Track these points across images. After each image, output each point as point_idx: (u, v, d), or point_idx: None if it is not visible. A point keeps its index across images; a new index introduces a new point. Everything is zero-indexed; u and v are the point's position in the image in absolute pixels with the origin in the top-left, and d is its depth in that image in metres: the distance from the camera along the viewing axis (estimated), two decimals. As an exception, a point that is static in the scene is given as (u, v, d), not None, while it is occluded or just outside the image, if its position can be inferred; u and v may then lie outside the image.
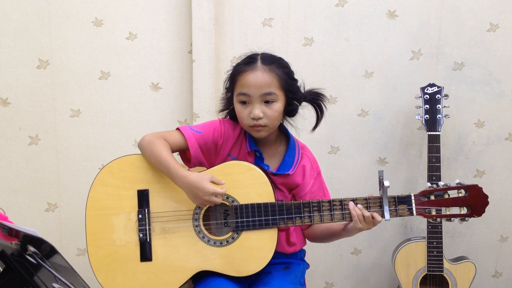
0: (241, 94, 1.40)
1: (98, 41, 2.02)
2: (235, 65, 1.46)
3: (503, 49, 2.07)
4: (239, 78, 1.40)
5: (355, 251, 2.23)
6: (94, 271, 1.41)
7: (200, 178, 1.35)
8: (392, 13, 2.06)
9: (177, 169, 1.37)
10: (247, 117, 1.40)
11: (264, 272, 1.45)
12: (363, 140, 2.14)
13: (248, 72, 1.39)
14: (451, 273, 1.96)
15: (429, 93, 1.94)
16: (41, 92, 2.03)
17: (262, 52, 1.45)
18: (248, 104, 1.40)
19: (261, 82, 1.38)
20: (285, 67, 1.43)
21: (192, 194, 1.36)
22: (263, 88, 1.38)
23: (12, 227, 0.94)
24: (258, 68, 1.39)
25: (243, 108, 1.41)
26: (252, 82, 1.38)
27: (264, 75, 1.38)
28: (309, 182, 1.51)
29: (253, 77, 1.38)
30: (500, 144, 2.14)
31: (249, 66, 1.40)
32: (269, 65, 1.39)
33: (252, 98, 1.39)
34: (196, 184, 1.34)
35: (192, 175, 1.36)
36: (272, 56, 1.44)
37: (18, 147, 2.06)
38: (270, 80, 1.38)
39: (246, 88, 1.39)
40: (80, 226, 1.45)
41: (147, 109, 2.09)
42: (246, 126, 1.43)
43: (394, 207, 1.40)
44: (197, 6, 1.97)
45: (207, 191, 1.34)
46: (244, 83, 1.39)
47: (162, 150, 1.40)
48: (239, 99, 1.41)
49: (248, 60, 1.42)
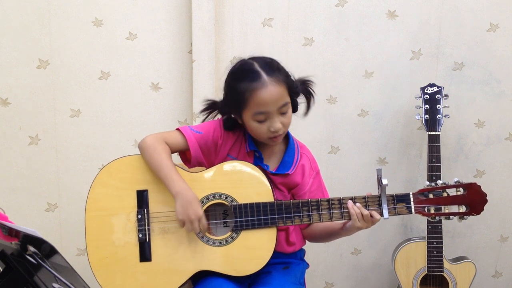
0: (260, 113, 1.37)
1: (98, 41, 2.02)
2: (234, 81, 1.40)
3: (503, 49, 2.07)
4: (251, 97, 1.35)
5: (355, 251, 2.23)
6: (94, 272, 1.41)
7: (196, 199, 1.37)
8: (392, 13, 2.06)
9: (177, 179, 1.37)
10: (266, 131, 1.39)
11: (264, 272, 1.45)
12: (363, 140, 2.14)
13: (260, 90, 1.34)
14: (451, 273, 1.96)
15: (429, 93, 1.94)
16: (41, 92, 2.04)
17: (252, 58, 1.42)
18: (266, 120, 1.38)
19: (276, 96, 1.35)
20: (282, 69, 1.42)
21: (183, 207, 1.35)
22: (279, 102, 1.36)
23: (12, 227, 0.94)
24: (267, 83, 1.34)
25: (260, 125, 1.39)
26: (268, 99, 1.34)
27: (277, 88, 1.35)
28: (308, 182, 1.51)
29: (268, 94, 1.34)
30: (500, 144, 2.14)
31: (258, 83, 1.35)
32: (273, 74, 1.36)
33: (270, 114, 1.37)
34: (192, 202, 1.35)
35: (191, 191, 1.37)
36: (267, 62, 1.40)
37: (18, 147, 2.06)
38: (282, 92, 1.36)
39: (263, 107, 1.35)
40: (80, 226, 1.45)
41: (147, 109, 2.09)
42: (264, 139, 1.42)
43: (392, 206, 1.40)
44: (197, 6, 1.97)
45: (197, 213, 1.35)
46: (261, 102, 1.35)
47: (163, 158, 1.39)
48: (257, 118, 1.38)
49: (251, 75, 1.36)
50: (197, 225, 1.36)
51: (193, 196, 1.36)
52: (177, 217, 1.37)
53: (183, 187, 1.36)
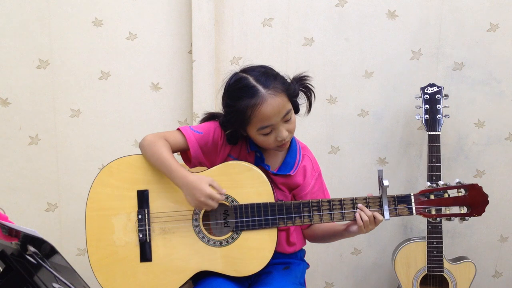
0: (264, 127, 1.37)
1: (98, 41, 2.02)
2: (233, 100, 1.37)
3: (503, 49, 2.07)
4: (253, 114, 1.34)
5: (355, 251, 2.23)
6: (94, 272, 1.41)
7: (200, 179, 1.35)
8: (392, 13, 2.06)
9: (177, 169, 1.37)
10: (274, 141, 1.39)
11: (264, 272, 1.45)
12: (363, 140, 2.14)
13: (261, 106, 1.33)
14: (451, 273, 1.96)
15: (429, 93, 1.94)
16: (41, 92, 2.04)
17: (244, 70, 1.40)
18: (271, 131, 1.38)
19: (278, 108, 1.35)
20: (277, 76, 1.40)
21: (190, 195, 1.36)
22: (282, 112, 1.36)
23: (12, 227, 0.94)
24: (267, 96, 1.33)
25: (267, 137, 1.39)
26: (271, 113, 1.34)
27: (277, 100, 1.34)
28: (310, 183, 1.51)
29: (269, 108, 1.34)
30: (500, 144, 2.14)
31: (257, 98, 1.33)
32: (270, 86, 1.35)
33: (275, 125, 1.37)
34: (195, 185, 1.34)
35: (192, 176, 1.36)
36: (262, 73, 1.38)
37: (18, 147, 2.06)
38: (282, 101, 1.36)
39: (267, 121, 1.35)
40: (80, 226, 1.45)
41: (147, 109, 2.09)
42: (273, 147, 1.42)
43: (393, 207, 1.40)
44: (197, 6, 1.97)
45: (204, 192, 1.34)
46: (264, 117, 1.35)
47: (163, 151, 1.39)
48: (263, 132, 1.38)
49: (248, 91, 1.35)
50: (211, 202, 1.35)
51: (194, 178, 1.35)
52: (192, 206, 1.38)
53: (184, 174, 1.36)
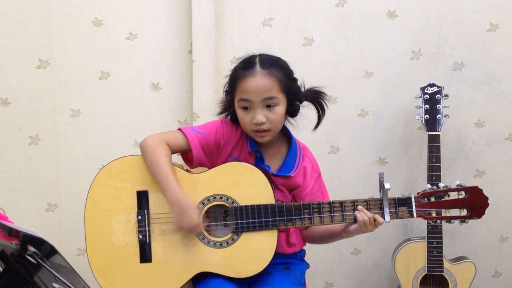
0: (242, 100, 1.39)
1: (98, 41, 2.02)
2: (234, 69, 1.44)
3: (503, 49, 2.07)
4: (239, 83, 1.39)
5: (355, 251, 2.23)
6: (94, 273, 1.41)
7: (192, 208, 1.35)
8: (392, 13, 2.06)
9: (174, 187, 1.36)
10: (250, 122, 1.40)
11: (264, 272, 1.44)
12: (363, 140, 2.14)
13: (247, 78, 1.37)
14: (451, 273, 1.96)
15: (429, 93, 1.94)
16: (41, 92, 2.03)
17: (260, 54, 1.44)
18: (250, 110, 1.39)
19: (261, 87, 1.36)
20: (284, 68, 1.42)
21: (178, 216, 1.36)
22: (264, 93, 1.37)
23: (12, 227, 0.94)
24: (257, 73, 1.37)
25: (245, 114, 1.40)
26: (253, 87, 1.36)
27: (264, 80, 1.36)
28: (310, 184, 1.50)
29: (253, 82, 1.36)
30: (500, 144, 2.13)
31: (248, 71, 1.38)
32: (268, 68, 1.38)
33: (254, 104, 1.38)
34: (187, 211, 1.34)
35: (186, 199, 1.35)
36: (270, 57, 1.42)
37: (18, 147, 2.06)
38: (270, 84, 1.37)
39: (246, 94, 1.37)
40: (80, 226, 1.44)
41: (147, 109, 2.09)
42: (249, 131, 1.43)
43: (394, 209, 1.40)
44: (197, 6, 1.97)
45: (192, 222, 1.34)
46: (245, 89, 1.37)
47: (163, 160, 1.38)
48: (241, 105, 1.40)
49: (246, 64, 1.40)
50: (193, 233, 1.38)
51: (188, 204, 1.35)
52: (174, 224, 1.38)
53: (178, 195, 1.35)
